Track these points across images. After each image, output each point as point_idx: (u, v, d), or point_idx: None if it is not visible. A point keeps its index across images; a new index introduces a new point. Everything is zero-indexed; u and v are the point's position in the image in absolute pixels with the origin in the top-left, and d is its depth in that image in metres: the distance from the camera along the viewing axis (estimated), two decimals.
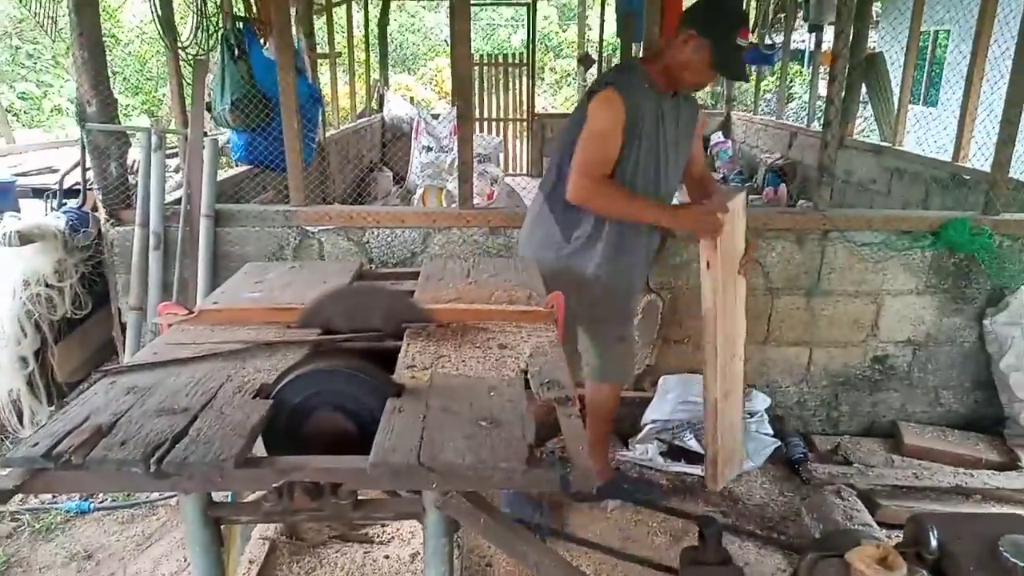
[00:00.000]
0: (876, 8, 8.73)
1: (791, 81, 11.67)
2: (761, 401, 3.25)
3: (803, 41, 10.55)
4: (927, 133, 5.82)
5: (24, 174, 4.63)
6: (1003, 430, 3.25)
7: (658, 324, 3.24)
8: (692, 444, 3.10)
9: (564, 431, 1.38)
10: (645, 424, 3.24)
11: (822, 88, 7.49)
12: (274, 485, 1.33)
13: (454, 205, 3.69)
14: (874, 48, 8.89)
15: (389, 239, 3.20)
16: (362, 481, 1.29)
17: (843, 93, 3.14)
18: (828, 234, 3.16)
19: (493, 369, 1.65)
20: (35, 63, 9.76)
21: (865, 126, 7.14)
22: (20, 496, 1.30)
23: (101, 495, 2.82)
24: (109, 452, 1.27)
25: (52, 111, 11.12)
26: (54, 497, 2.77)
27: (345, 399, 1.49)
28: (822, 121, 3.28)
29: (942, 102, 8.53)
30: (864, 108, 6.54)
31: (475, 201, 3.28)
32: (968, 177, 4.11)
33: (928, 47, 8.88)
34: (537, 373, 1.61)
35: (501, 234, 3.20)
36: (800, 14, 6.68)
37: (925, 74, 8.99)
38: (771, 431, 3.20)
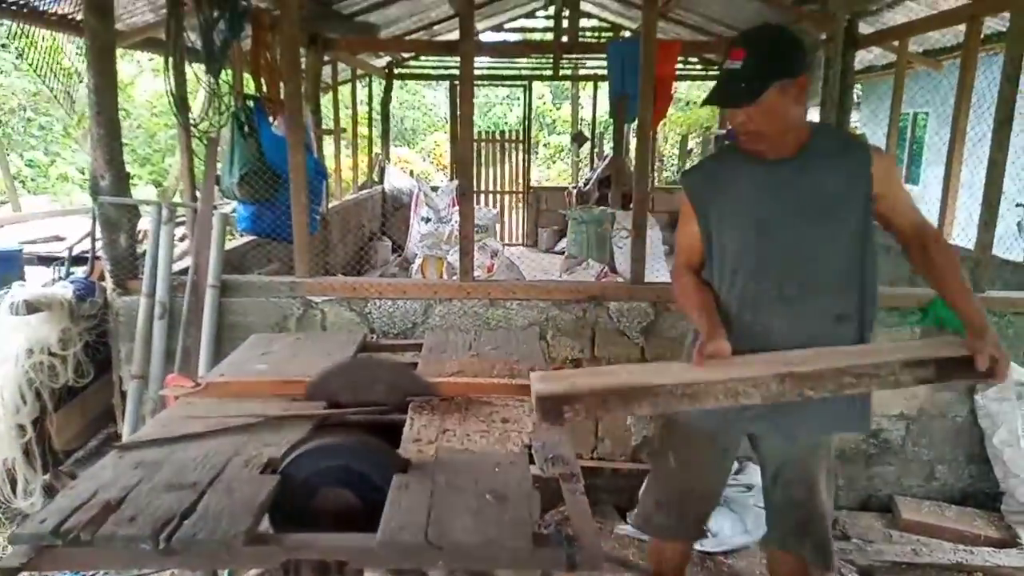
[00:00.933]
0: (857, 91, 9.12)
1: None
2: (757, 475, 3.25)
3: None
4: None
5: (31, 242, 4.70)
6: (1000, 506, 3.25)
7: None
8: None
9: (569, 509, 1.40)
10: None
11: None
12: (280, 562, 1.34)
13: (455, 277, 3.77)
14: (856, 129, 9.24)
15: (391, 310, 3.26)
16: (370, 560, 1.30)
17: None
18: None
19: (497, 443, 1.68)
20: (46, 134, 10.05)
21: None
22: None
23: None
24: (118, 528, 1.29)
25: (58, 178, 11.33)
26: None
27: (351, 475, 1.51)
28: None
29: (924, 180, 8.80)
30: None
31: (475, 274, 3.36)
32: None
33: (908, 127, 9.21)
34: (541, 448, 1.64)
35: (501, 306, 3.26)
36: None
37: (906, 153, 9.31)
38: None
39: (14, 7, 3.72)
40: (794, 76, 1.70)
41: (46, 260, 4.37)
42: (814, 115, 5.42)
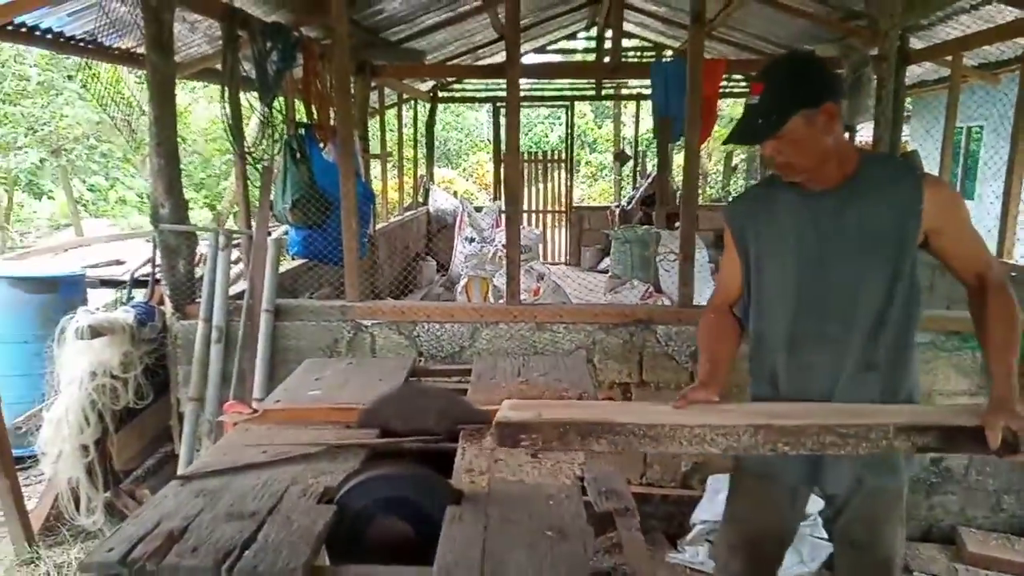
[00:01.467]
0: (908, 104, 8.90)
1: None
2: (814, 504, 3.16)
3: None
4: None
5: (92, 266, 4.90)
6: None
7: None
8: None
9: (625, 547, 1.38)
10: (694, 524, 3.16)
11: None
12: None
13: (501, 300, 3.78)
14: (907, 144, 9.00)
15: (438, 333, 3.29)
16: None
17: None
18: None
19: (550, 475, 1.67)
20: (107, 161, 10.53)
21: None
22: None
23: None
24: (181, 559, 1.32)
25: (117, 201, 11.80)
26: None
27: (406, 505, 1.52)
28: None
29: (979, 195, 8.52)
30: None
31: (522, 297, 3.37)
32: (1014, 274, 4.08)
33: (962, 141, 8.95)
34: (593, 481, 1.62)
35: (547, 329, 3.26)
36: None
37: (960, 168, 9.03)
38: (826, 535, 3.10)
39: (81, 43, 3.90)
40: (816, 105, 1.62)
41: (108, 283, 4.55)
42: (868, 133, 5.32)
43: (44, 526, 3.17)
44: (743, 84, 9.23)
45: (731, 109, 14.19)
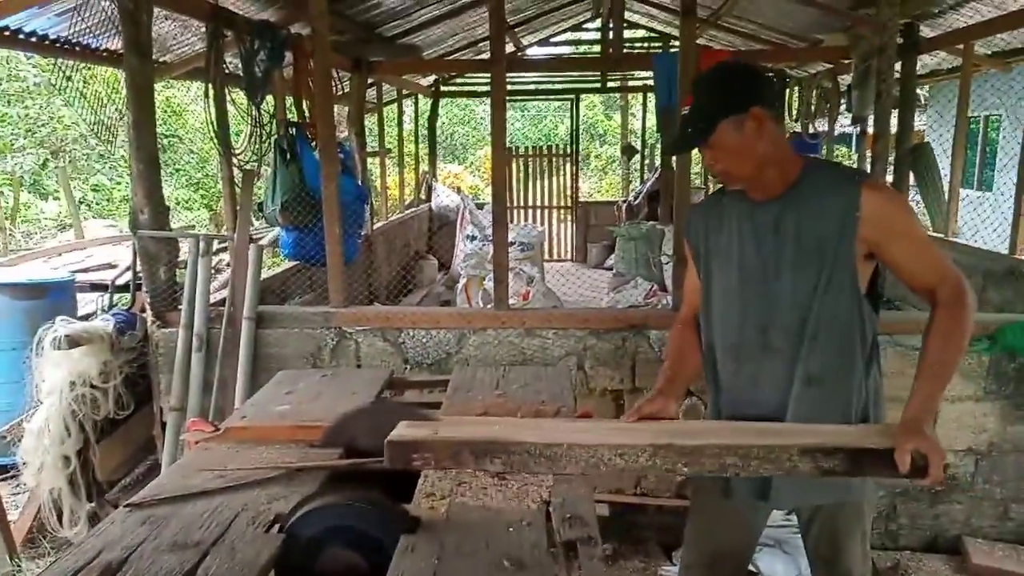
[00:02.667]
0: (923, 93, 8.70)
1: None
2: None
3: (850, 125, 10.53)
4: (983, 220, 5.70)
5: (86, 270, 4.87)
6: None
7: None
8: None
9: None
10: None
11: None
12: None
13: (490, 305, 3.70)
14: (923, 134, 8.81)
15: (424, 340, 3.21)
16: None
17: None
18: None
19: (514, 499, 1.59)
20: (106, 161, 10.53)
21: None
22: None
23: None
24: None
25: (122, 200, 11.82)
26: None
27: (357, 534, 1.45)
28: None
29: (996, 186, 8.33)
30: (912, 193, 6.42)
31: (511, 302, 3.29)
32: None
33: (979, 130, 8.74)
34: (560, 506, 1.54)
35: (537, 335, 3.17)
36: (844, 105, 6.69)
37: (978, 157, 8.83)
38: None
39: (67, 46, 3.85)
40: (743, 110, 1.61)
41: (99, 287, 4.52)
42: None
43: (26, 538, 3.13)
44: None
45: None
